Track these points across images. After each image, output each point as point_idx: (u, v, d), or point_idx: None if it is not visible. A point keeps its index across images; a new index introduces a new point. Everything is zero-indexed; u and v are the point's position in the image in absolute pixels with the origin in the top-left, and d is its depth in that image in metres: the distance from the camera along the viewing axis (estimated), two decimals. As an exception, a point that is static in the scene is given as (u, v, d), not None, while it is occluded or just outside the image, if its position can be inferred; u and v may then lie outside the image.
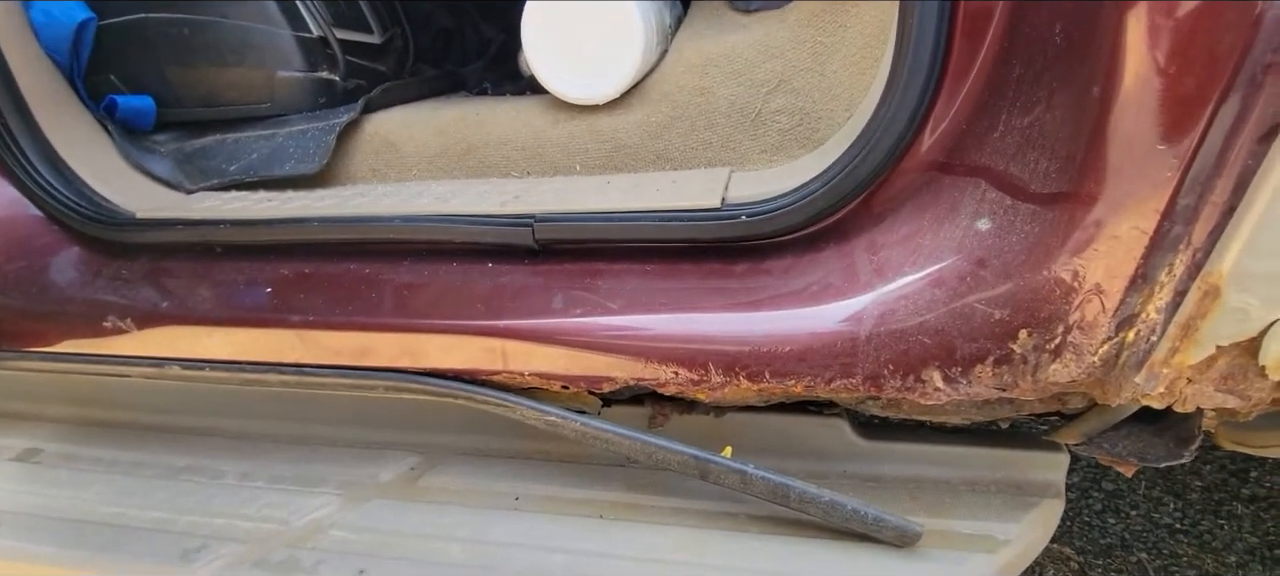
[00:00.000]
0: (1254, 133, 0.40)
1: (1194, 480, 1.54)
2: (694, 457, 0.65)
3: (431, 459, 0.85)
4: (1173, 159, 0.42)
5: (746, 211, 0.64)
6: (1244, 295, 0.44)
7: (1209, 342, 0.46)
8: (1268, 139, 0.40)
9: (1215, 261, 0.44)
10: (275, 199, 0.88)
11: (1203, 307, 0.45)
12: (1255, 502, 1.47)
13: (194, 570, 0.71)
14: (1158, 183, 0.43)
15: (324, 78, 1.04)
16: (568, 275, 0.70)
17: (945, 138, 0.56)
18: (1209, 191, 0.42)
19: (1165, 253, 0.45)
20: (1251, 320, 0.44)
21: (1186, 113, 0.41)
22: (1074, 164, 0.46)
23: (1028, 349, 0.52)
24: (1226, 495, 1.49)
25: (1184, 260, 0.45)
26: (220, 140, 1.02)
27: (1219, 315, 0.45)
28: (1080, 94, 0.44)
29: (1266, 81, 0.39)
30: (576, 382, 0.67)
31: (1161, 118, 0.42)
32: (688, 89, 0.82)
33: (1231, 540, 1.39)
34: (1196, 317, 0.45)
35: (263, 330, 0.76)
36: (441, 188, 0.85)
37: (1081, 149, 0.46)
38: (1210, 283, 0.44)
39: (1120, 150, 0.44)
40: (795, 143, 0.78)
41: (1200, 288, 0.45)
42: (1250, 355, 0.46)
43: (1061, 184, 0.48)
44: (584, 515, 0.73)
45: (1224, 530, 1.41)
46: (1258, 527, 1.41)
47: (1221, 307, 0.44)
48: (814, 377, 0.59)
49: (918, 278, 0.56)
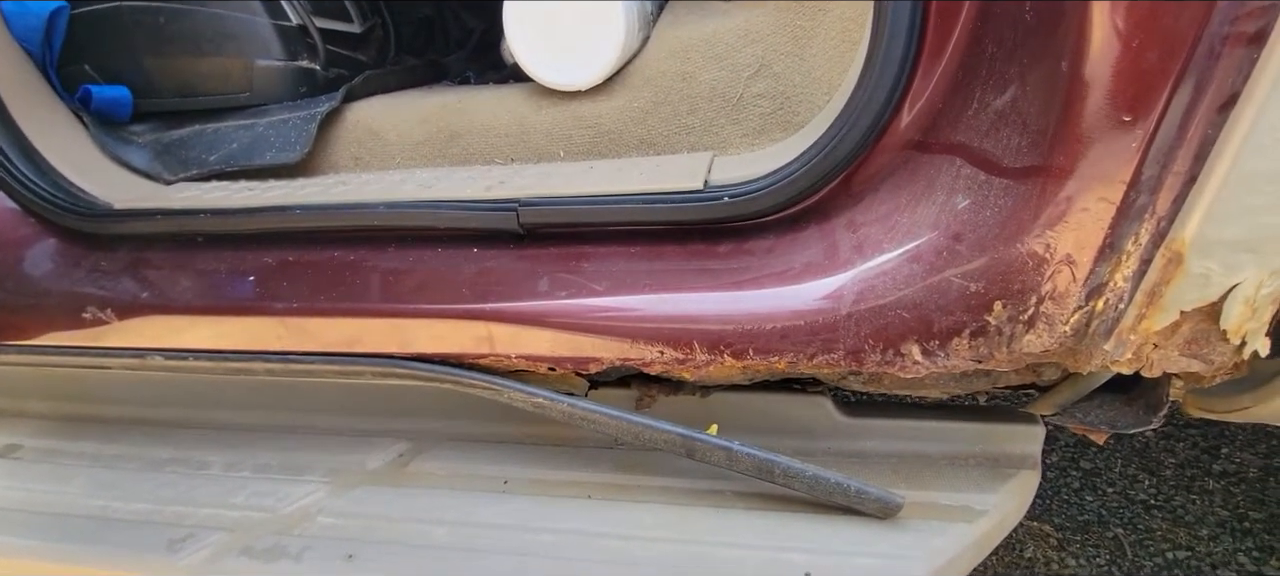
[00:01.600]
0: (1213, 103, 0.41)
1: (1168, 458, 1.59)
2: (680, 436, 0.66)
3: (420, 445, 0.86)
4: (1137, 131, 0.43)
5: (729, 193, 0.65)
6: (1206, 261, 0.45)
7: (1173, 308, 0.48)
8: (1226, 109, 0.41)
9: (1178, 229, 0.46)
10: (257, 188, 0.87)
11: (1167, 274, 0.46)
12: (1226, 477, 1.51)
13: (180, 560, 0.71)
14: (1123, 154, 0.44)
15: (304, 67, 1.03)
16: (553, 259, 0.71)
17: (922, 116, 0.57)
18: (1172, 161, 0.44)
19: (1131, 222, 0.46)
20: (1213, 285, 0.46)
21: (1149, 85, 0.42)
22: (1045, 138, 0.48)
23: (1003, 320, 0.53)
24: (1198, 471, 1.53)
25: (1149, 229, 0.46)
26: (199, 131, 1.01)
27: (1182, 281, 0.46)
28: (1050, 69, 0.46)
29: (1224, 52, 0.40)
30: (563, 364, 0.67)
31: (1126, 90, 0.43)
32: (670, 74, 0.82)
33: (1203, 514, 1.43)
34: (1161, 284, 0.47)
35: (246, 319, 0.75)
36: (425, 174, 0.85)
37: (1052, 123, 0.47)
38: (1174, 250, 0.46)
39: (1087, 123, 0.45)
40: (776, 126, 0.79)
41: (1164, 255, 0.46)
42: (1212, 320, 0.47)
43: (1033, 158, 0.49)
44: (572, 496, 0.74)
45: (1196, 504, 1.45)
46: (1228, 501, 1.45)
47: (1184, 274, 0.46)
48: (797, 354, 0.60)
49: (896, 254, 0.58)
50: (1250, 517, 1.40)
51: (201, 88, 1.01)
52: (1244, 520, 1.39)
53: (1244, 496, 1.45)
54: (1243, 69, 0.40)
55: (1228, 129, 0.42)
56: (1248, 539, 1.36)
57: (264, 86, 1.00)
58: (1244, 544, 1.35)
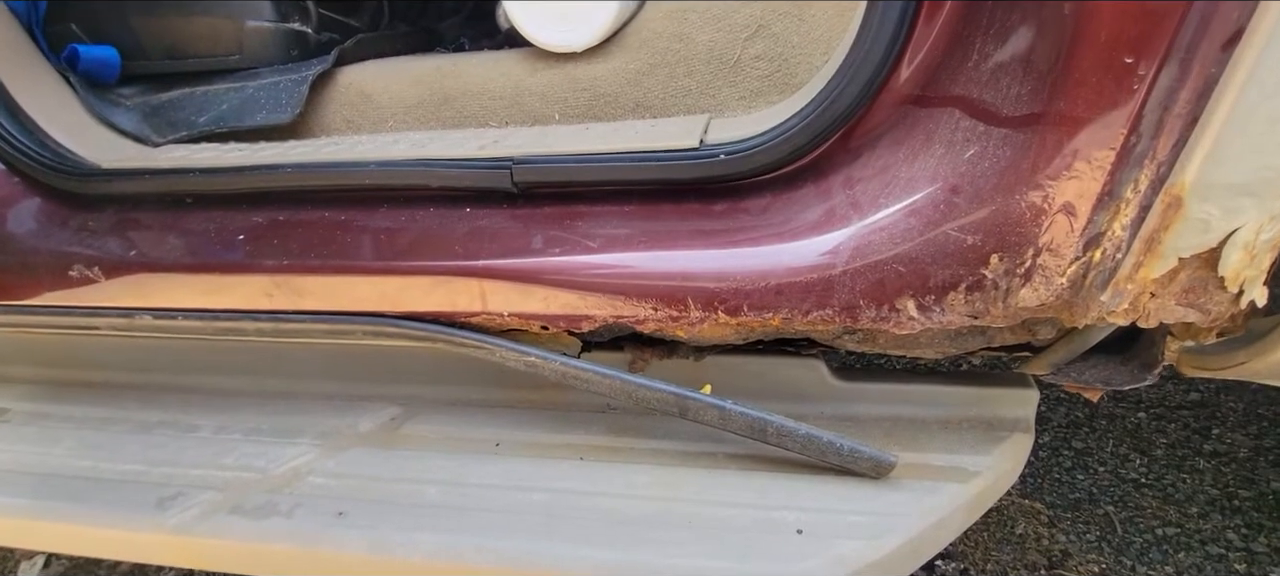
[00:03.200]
0: (1216, 40, 0.41)
1: (1159, 438, 1.59)
2: (673, 394, 0.66)
3: (412, 409, 0.85)
4: (1140, 71, 0.43)
5: (725, 150, 0.65)
6: (1205, 205, 0.45)
7: (1171, 255, 0.47)
8: (1230, 45, 0.41)
9: (1178, 173, 0.45)
10: (247, 149, 0.86)
11: (1166, 220, 0.46)
12: (1217, 457, 1.52)
13: (169, 517, 0.70)
14: (1125, 97, 0.44)
15: (296, 29, 1.01)
16: (547, 218, 0.70)
17: (921, 70, 0.56)
18: (1173, 103, 0.43)
19: (1131, 168, 0.46)
20: (1212, 230, 0.45)
21: (1153, 23, 0.42)
22: (1046, 86, 0.47)
23: (999, 274, 0.53)
24: (1190, 451, 1.54)
25: (1149, 174, 0.46)
26: (189, 93, 1.00)
27: (1181, 226, 0.46)
28: (1052, 14, 0.45)
29: (1230, -13, 0.39)
30: (556, 322, 0.67)
31: (1129, 30, 0.42)
32: (666, 35, 0.81)
33: (1193, 492, 1.44)
34: (1160, 230, 0.46)
35: (236, 276, 0.74)
36: (418, 136, 0.84)
37: (1053, 70, 0.46)
38: (1173, 194, 0.45)
39: (1089, 67, 0.44)
40: (774, 89, 0.78)
41: (1164, 200, 0.46)
42: (1211, 267, 0.47)
43: (1033, 106, 0.48)
44: (564, 457, 0.74)
45: (1187, 483, 1.46)
46: (1218, 480, 1.46)
47: (1184, 219, 0.46)
48: (792, 310, 0.60)
49: (893, 209, 0.57)
50: (1240, 496, 1.41)
51: (191, 49, 1.00)
52: (1233, 498, 1.40)
53: (1234, 475, 1.46)
54: (1247, 4, 0.39)
55: (1231, 68, 0.41)
56: (1237, 516, 1.37)
57: (255, 48, 0.99)
58: (1233, 521, 1.36)
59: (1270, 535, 1.36)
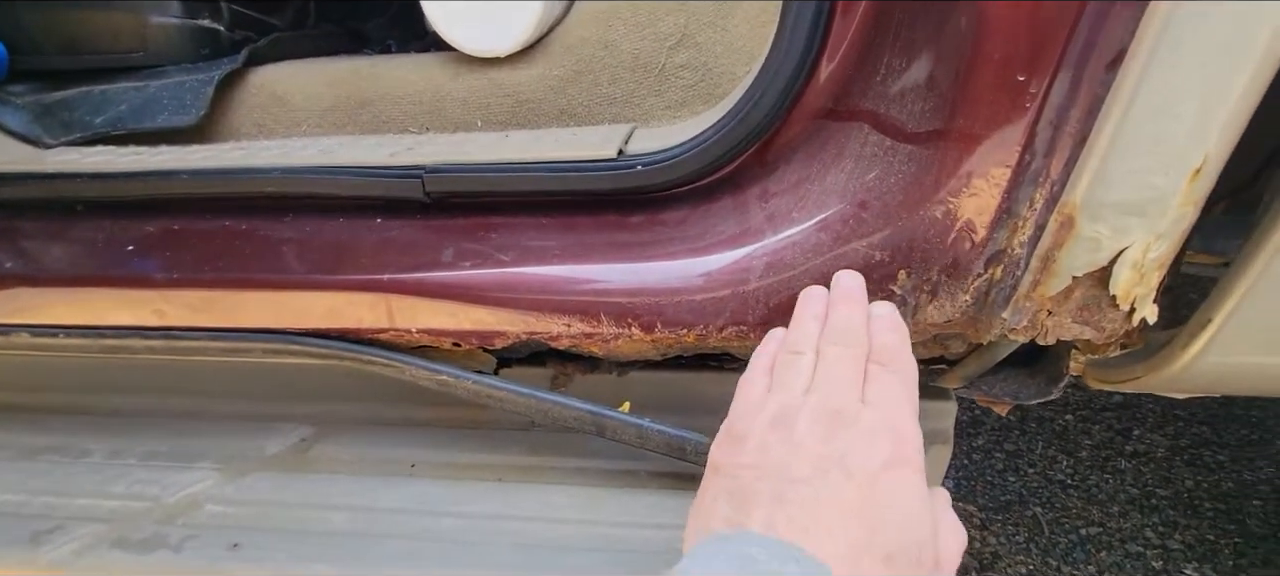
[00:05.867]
0: (1101, 59, 0.41)
1: (1084, 439, 1.65)
2: (590, 413, 0.64)
3: (323, 430, 0.81)
4: (1032, 89, 0.43)
5: (642, 161, 0.63)
6: (1095, 224, 0.45)
7: (1066, 273, 0.48)
8: (1114, 65, 0.41)
9: (1070, 192, 0.46)
10: (144, 153, 0.81)
11: (1059, 238, 0.47)
12: (1137, 458, 1.58)
13: (43, 553, 0.65)
14: (1018, 115, 0.44)
15: (206, 27, 0.95)
16: (459, 230, 0.67)
17: (832, 82, 0.56)
18: (1064, 121, 0.43)
19: (1027, 186, 0.46)
20: (1103, 249, 0.46)
21: (1042, 42, 0.42)
22: (946, 102, 0.47)
23: (907, 289, 0.52)
24: (1112, 452, 1.60)
25: (1043, 193, 0.46)
26: (85, 92, 0.93)
27: (1073, 245, 0.46)
28: (951, 29, 0.45)
29: (1112, 6, 0.40)
30: (467, 338, 0.64)
31: (1021, 48, 0.42)
32: (591, 42, 0.79)
33: (1115, 492, 1.49)
34: (1054, 249, 0.47)
35: (122, 290, 0.69)
36: (329, 141, 0.80)
37: (952, 86, 0.46)
38: (1065, 213, 0.46)
39: (984, 84, 0.45)
40: (699, 99, 0.77)
41: (1057, 218, 0.46)
42: (1103, 285, 0.48)
43: (935, 123, 0.48)
44: (481, 479, 0.71)
45: (1109, 483, 1.52)
46: (1138, 480, 1.52)
47: (1076, 237, 0.46)
48: (706, 326, 0.58)
49: (806, 224, 0.57)
50: (1157, 495, 1.47)
51: (88, 45, 0.93)
52: (1151, 497, 1.46)
53: (1152, 475, 1.52)
54: (1129, 23, 0.40)
55: (1115, 87, 0.42)
56: (1154, 514, 1.42)
57: (159, 45, 0.92)
58: (1151, 519, 1.41)
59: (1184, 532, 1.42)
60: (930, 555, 0.41)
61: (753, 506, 0.41)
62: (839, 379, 0.46)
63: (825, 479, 0.41)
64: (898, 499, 0.41)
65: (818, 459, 0.42)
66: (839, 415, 0.44)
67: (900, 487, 0.42)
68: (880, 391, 0.46)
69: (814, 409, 0.45)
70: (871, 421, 0.44)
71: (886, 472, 0.42)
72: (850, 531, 0.39)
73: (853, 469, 0.41)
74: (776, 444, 0.44)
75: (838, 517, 0.39)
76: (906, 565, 0.39)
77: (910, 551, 0.40)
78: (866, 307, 0.51)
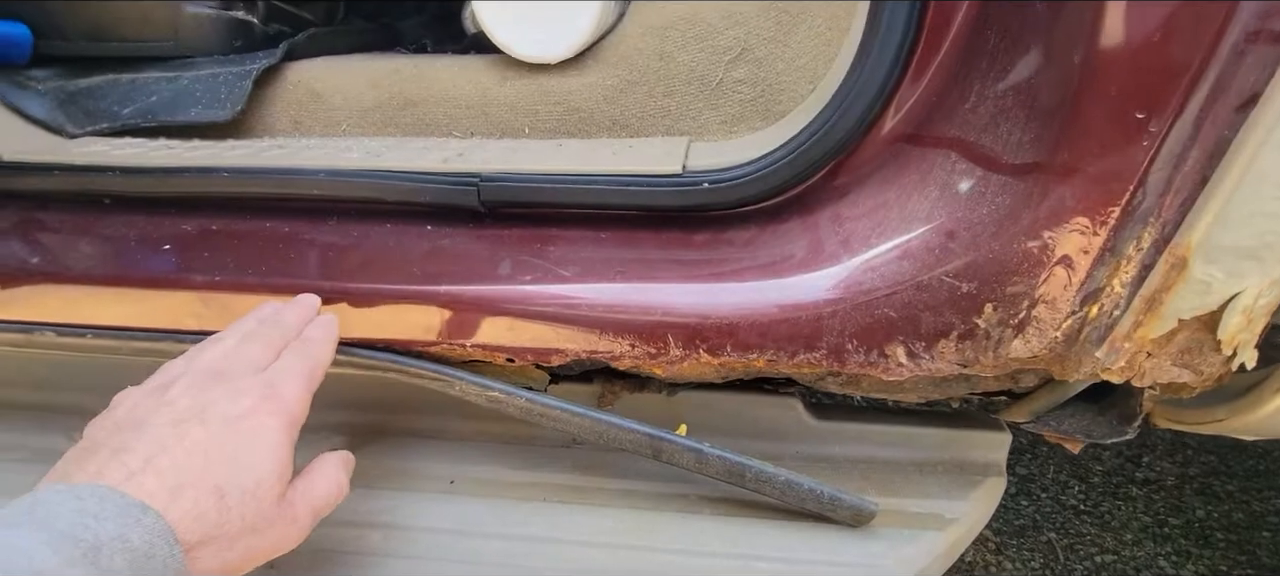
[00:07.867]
0: (1232, 102, 0.40)
1: (1095, 465, 1.65)
2: (647, 436, 0.62)
3: (357, 440, 0.78)
4: (1150, 129, 0.42)
5: (709, 178, 0.61)
6: (1209, 267, 0.44)
7: (1172, 316, 0.47)
8: (1245, 109, 0.40)
9: (1184, 233, 0.45)
10: (177, 147, 0.78)
11: (1169, 280, 0.46)
12: (1148, 485, 1.58)
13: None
14: (1132, 153, 0.43)
15: (240, 18, 0.93)
16: (516, 241, 0.65)
17: (916, 108, 0.54)
18: (1183, 162, 0.42)
19: (1135, 225, 0.45)
20: (1214, 293, 0.45)
21: (1167, 81, 0.41)
22: (1049, 134, 0.46)
23: (992, 323, 0.51)
24: (1123, 479, 1.60)
25: (1152, 233, 0.45)
26: (112, 80, 0.89)
27: (1184, 288, 0.45)
28: (1059, 62, 0.44)
29: (1248, 50, 0.39)
30: (523, 355, 0.62)
31: (1142, 86, 0.41)
32: (646, 53, 0.77)
33: (1128, 519, 1.50)
34: (1162, 291, 0.46)
35: (158, 292, 0.66)
36: (373, 143, 0.78)
37: (1057, 119, 0.45)
38: (1177, 255, 0.45)
39: (1097, 120, 0.43)
40: (756, 114, 0.75)
41: (1167, 260, 0.45)
42: (1209, 329, 0.47)
43: (1035, 154, 0.47)
44: (525, 498, 0.68)
45: (1121, 510, 1.52)
46: (1150, 508, 1.52)
47: (1187, 280, 0.45)
48: (777, 352, 0.57)
49: (884, 250, 0.55)
50: (1169, 523, 1.47)
51: (117, 32, 0.89)
52: (1164, 526, 1.47)
53: (1163, 503, 1.52)
54: (1266, 67, 0.39)
55: (1245, 130, 0.41)
56: (1167, 543, 1.43)
57: (191, 35, 0.89)
58: (1164, 548, 1.42)
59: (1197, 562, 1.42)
60: (272, 492, 0.45)
61: (87, 461, 0.43)
62: (243, 354, 0.51)
63: (176, 428, 0.44)
64: (248, 442, 0.45)
65: (182, 411, 0.45)
66: (219, 376, 0.48)
67: (256, 432, 0.46)
68: (278, 366, 0.51)
69: (197, 371, 0.49)
70: (248, 383, 0.48)
71: (244, 420, 0.46)
72: (182, 471, 0.42)
73: (209, 417, 0.45)
74: (145, 403, 0.47)
75: (173, 460, 0.42)
76: (238, 497, 0.43)
77: (247, 486, 0.44)
78: (309, 313, 0.58)
